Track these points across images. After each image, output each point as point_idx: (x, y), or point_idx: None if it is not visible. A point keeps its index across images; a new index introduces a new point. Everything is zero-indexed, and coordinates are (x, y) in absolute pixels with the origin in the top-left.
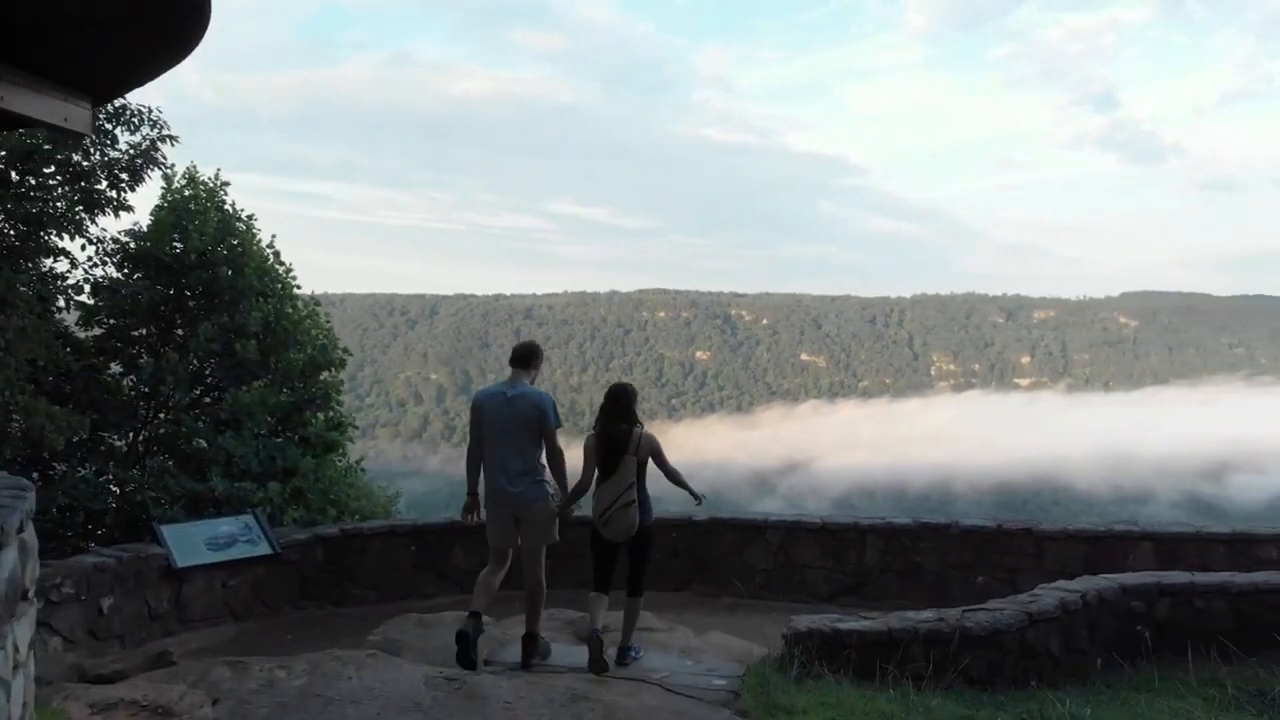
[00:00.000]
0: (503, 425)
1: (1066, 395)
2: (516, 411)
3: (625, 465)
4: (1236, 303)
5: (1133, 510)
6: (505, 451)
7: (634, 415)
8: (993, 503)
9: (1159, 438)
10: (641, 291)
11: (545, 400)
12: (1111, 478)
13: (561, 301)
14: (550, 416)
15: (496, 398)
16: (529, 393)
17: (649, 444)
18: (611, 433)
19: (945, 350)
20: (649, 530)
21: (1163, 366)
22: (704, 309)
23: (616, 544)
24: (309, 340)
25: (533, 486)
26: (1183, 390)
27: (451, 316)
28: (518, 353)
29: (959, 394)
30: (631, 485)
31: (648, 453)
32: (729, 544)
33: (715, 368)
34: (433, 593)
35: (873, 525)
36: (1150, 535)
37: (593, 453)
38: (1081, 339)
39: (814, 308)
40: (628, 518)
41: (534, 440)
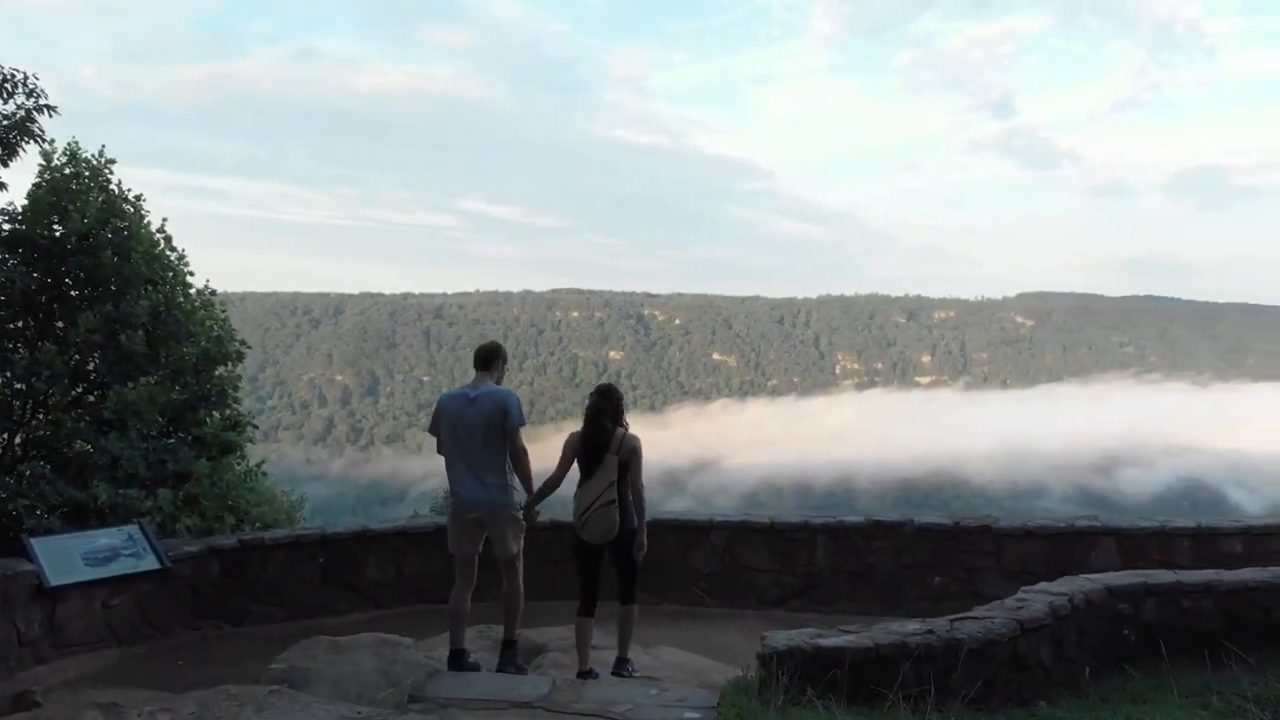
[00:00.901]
0: (465, 427)
1: (965, 393)
2: (480, 411)
3: (606, 464)
4: (1127, 303)
5: (1027, 505)
6: (468, 455)
7: (620, 414)
8: (895, 498)
9: (1053, 434)
10: (555, 291)
11: (510, 398)
12: (1007, 473)
13: (473, 301)
14: (514, 413)
15: (459, 399)
16: (492, 391)
17: (631, 445)
18: (595, 430)
19: (850, 350)
20: (630, 534)
21: (1057, 364)
22: (618, 309)
23: (598, 548)
24: (203, 332)
25: (499, 491)
26: (1076, 387)
27: (357, 316)
28: (479, 355)
29: (862, 392)
30: (612, 485)
31: (629, 454)
32: (671, 547)
33: (629, 368)
34: (344, 609)
35: (824, 524)
36: (1113, 531)
37: (572, 450)
38: (980, 338)
39: (725, 308)
40: (607, 518)
41: (499, 442)
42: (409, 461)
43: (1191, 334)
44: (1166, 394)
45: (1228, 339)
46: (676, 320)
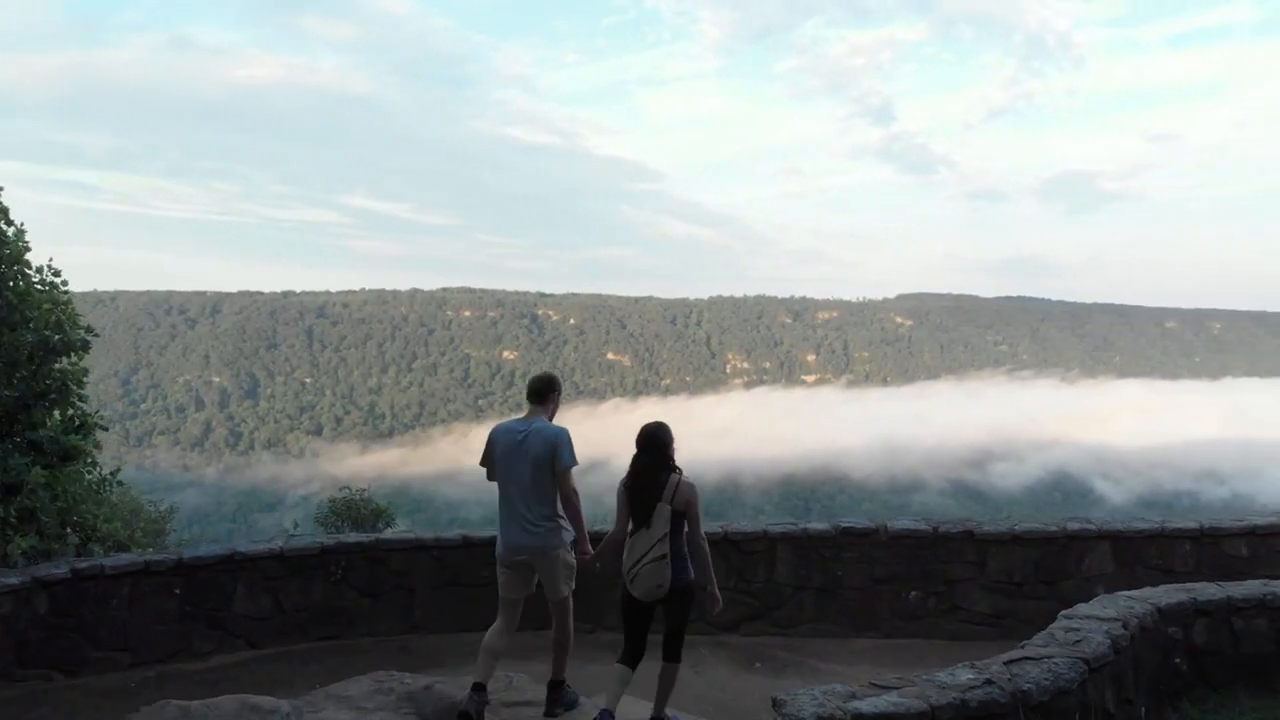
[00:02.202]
0: (515, 465)
1: (847, 390)
2: (529, 450)
3: (658, 515)
4: (1001, 303)
5: (904, 498)
6: (517, 494)
7: (670, 459)
8: (780, 493)
9: (929, 429)
10: (445, 290)
11: (561, 437)
12: (886, 467)
13: (358, 299)
14: (565, 454)
15: (509, 435)
16: (543, 429)
17: (686, 493)
18: (643, 478)
19: (739, 349)
20: (687, 589)
21: (935, 362)
22: (510, 308)
23: (647, 605)
24: (40, 317)
25: (549, 532)
26: (951, 384)
27: (236, 315)
28: (531, 388)
29: (750, 390)
30: (664, 538)
31: (684, 503)
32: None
33: (523, 367)
34: (208, 650)
35: (785, 533)
36: (1108, 534)
37: (624, 502)
38: (861, 338)
39: (619, 308)
40: (657, 574)
41: (548, 482)
42: (290, 466)
43: (1061, 333)
44: (1037, 390)
45: (1095, 337)
46: (571, 320)
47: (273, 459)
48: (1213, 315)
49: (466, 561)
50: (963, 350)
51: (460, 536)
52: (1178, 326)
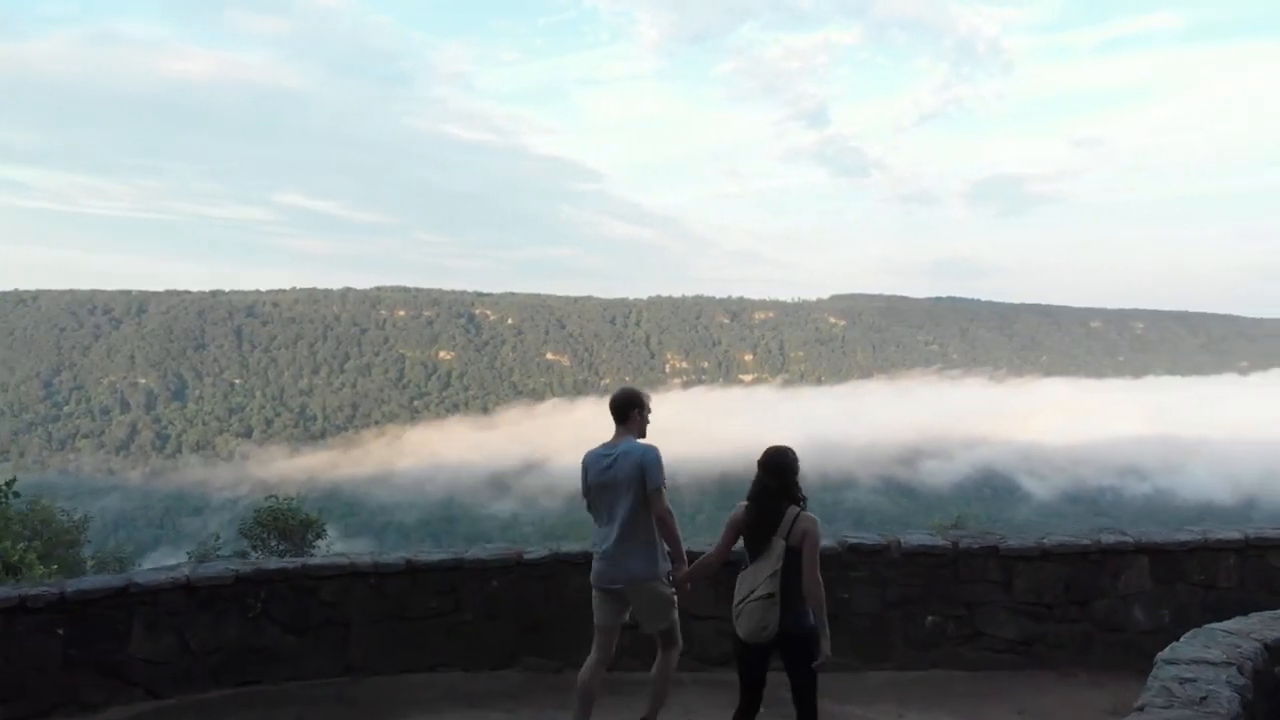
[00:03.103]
0: (605, 491)
1: (782, 390)
2: (618, 473)
3: (771, 549)
4: (931, 304)
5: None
6: (609, 520)
7: (794, 488)
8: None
9: (861, 428)
10: (379, 289)
11: (648, 456)
12: (819, 465)
13: (289, 298)
14: (654, 474)
15: (598, 460)
16: (631, 450)
17: (804, 529)
18: (760, 505)
19: (678, 349)
20: (804, 636)
21: (868, 362)
22: (447, 308)
23: (760, 648)
24: None
25: (645, 562)
26: (883, 383)
27: (162, 315)
28: (613, 407)
29: (687, 390)
30: (774, 575)
31: (800, 538)
32: (576, 592)
33: (460, 368)
34: (99, 701)
35: None
36: (1146, 547)
37: (735, 527)
38: (797, 338)
39: (558, 308)
40: (762, 615)
41: (641, 506)
42: (219, 470)
43: (990, 333)
44: (966, 389)
45: (1022, 337)
46: (509, 320)
47: (201, 462)
48: (1136, 315)
49: (411, 590)
50: (894, 350)
51: (403, 561)
52: (1102, 326)
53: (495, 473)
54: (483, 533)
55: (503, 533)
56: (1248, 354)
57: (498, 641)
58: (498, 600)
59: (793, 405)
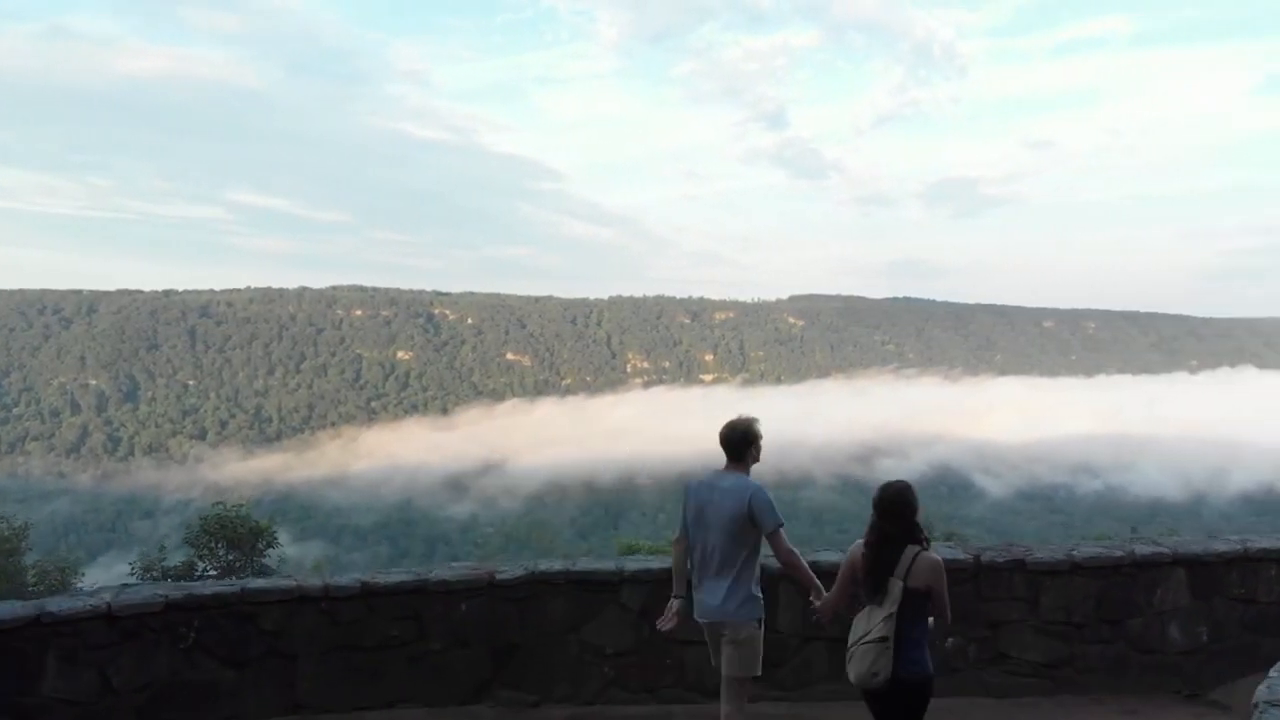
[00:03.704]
0: (706, 523)
1: (742, 389)
2: (723, 508)
3: (889, 592)
4: (888, 304)
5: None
6: (707, 554)
7: (915, 527)
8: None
9: (818, 426)
10: (335, 288)
11: (758, 497)
12: (776, 463)
13: (244, 298)
14: (767, 516)
15: (703, 490)
16: (739, 486)
17: (925, 572)
18: (878, 548)
19: (639, 349)
20: (920, 685)
21: (826, 362)
22: (405, 307)
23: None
24: None
25: (739, 603)
26: (840, 383)
27: (114, 315)
28: (728, 441)
29: (648, 390)
30: (890, 619)
31: (923, 581)
32: (558, 616)
33: (419, 368)
34: None
35: None
36: (1184, 559)
37: (853, 567)
38: (757, 338)
39: (518, 307)
40: (874, 660)
41: (742, 543)
42: (172, 473)
43: (945, 332)
44: (922, 388)
45: (977, 337)
46: (469, 320)
47: (153, 465)
48: (1088, 315)
49: (368, 616)
50: (852, 349)
51: (358, 583)
52: (1055, 326)
53: (453, 474)
54: (442, 534)
55: (463, 534)
56: (1197, 353)
57: (467, 673)
58: (467, 626)
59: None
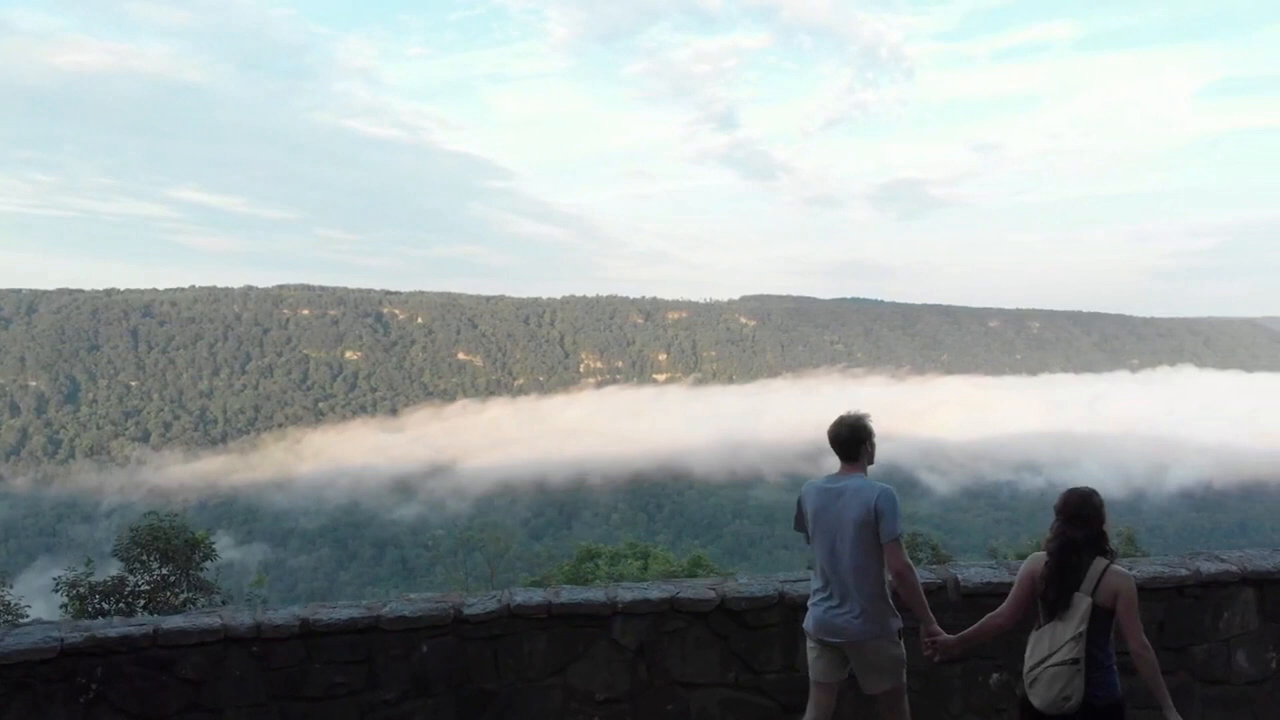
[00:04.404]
0: (827, 532)
1: (693, 389)
2: (844, 513)
3: (1075, 607)
4: (837, 305)
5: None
6: (830, 565)
7: (1103, 538)
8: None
9: (768, 425)
10: (282, 287)
11: (884, 499)
12: (727, 463)
13: (188, 297)
14: (889, 522)
15: (819, 495)
16: (861, 489)
17: (1115, 585)
18: (1063, 557)
19: (593, 349)
20: (1111, 709)
21: (776, 361)
22: (353, 306)
23: None
24: None
25: (869, 618)
26: (790, 382)
27: (54, 314)
28: (837, 440)
29: (600, 390)
30: (1079, 638)
31: (1110, 597)
32: (540, 655)
33: (367, 368)
34: None
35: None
36: (1253, 577)
37: (1031, 582)
38: (709, 337)
39: (470, 307)
40: (1064, 683)
41: (869, 553)
42: (114, 475)
43: (892, 332)
44: (869, 386)
45: (924, 336)
46: (419, 319)
47: (95, 468)
48: (1032, 315)
49: (309, 660)
50: (802, 349)
51: (296, 621)
52: (1000, 325)
53: (400, 476)
54: (391, 537)
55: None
56: (1138, 352)
57: None
58: (429, 671)
59: (703, 404)
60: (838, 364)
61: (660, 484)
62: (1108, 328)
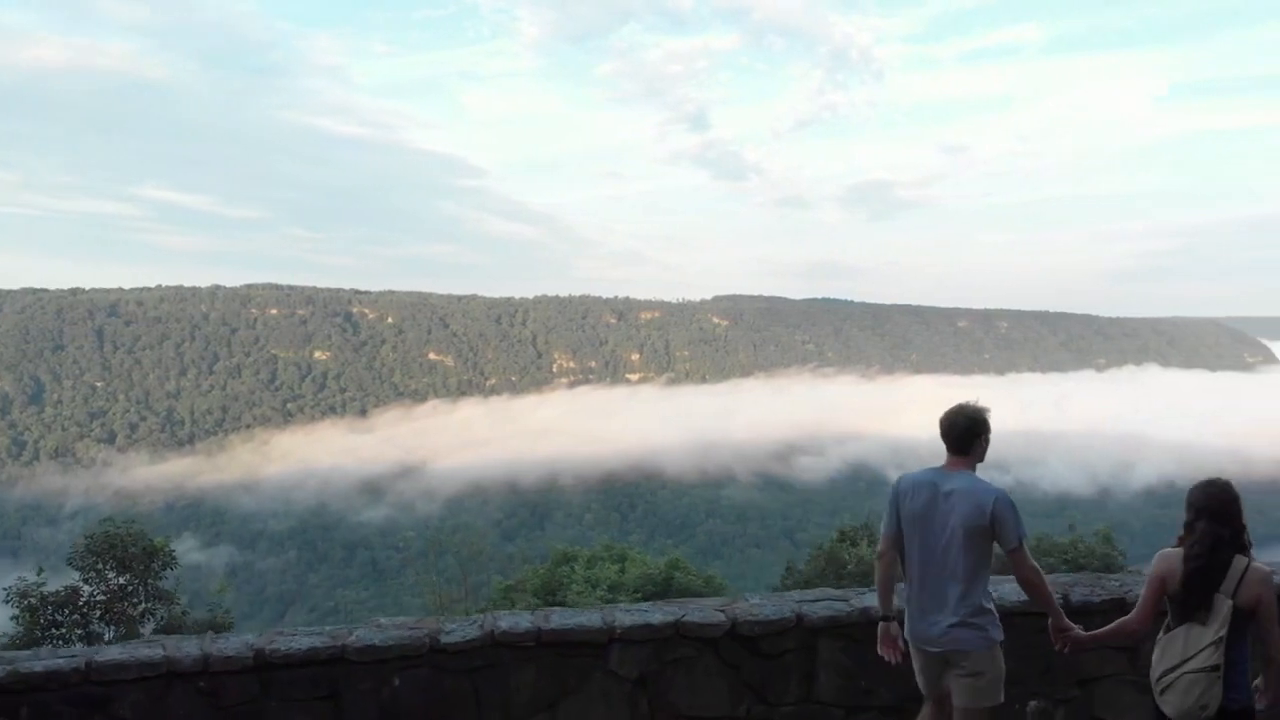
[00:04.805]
0: (928, 531)
1: (666, 389)
2: (954, 512)
3: (1215, 610)
4: (808, 305)
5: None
6: (930, 568)
7: (1243, 534)
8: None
9: (740, 425)
10: (250, 287)
11: (1001, 502)
12: (699, 462)
13: (154, 297)
14: (1010, 526)
15: (923, 489)
16: (974, 488)
17: (1257, 586)
18: (1204, 560)
19: (565, 349)
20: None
21: (749, 361)
22: (322, 306)
23: None
24: None
25: (971, 629)
26: (762, 381)
27: (17, 314)
28: (950, 430)
29: (573, 390)
30: (1219, 643)
31: (1252, 599)
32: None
33: (337, 369)
34: None
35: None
36: None
37: (1162, 581)
38: (682, 337)
39: (441, 306)
40: (1202, 691)
41: (973, 554)
42: (79, 477)
43: (862, 332)
44: (840, 386)
45: (894, 336)
46: (389, 319)
47: (59, 470)
48: (1000, 315)
49: (264, 696)
50: (773, 349)
51: (250, 652)
52: (969, 325)
53: (369, 477)
54: (362, 539)
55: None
56: (1104, 351)
57: None
58: (401, 708)
59: (675, 404)
60: (809, 364)
61: (633, 484)
62: (1074, 328)
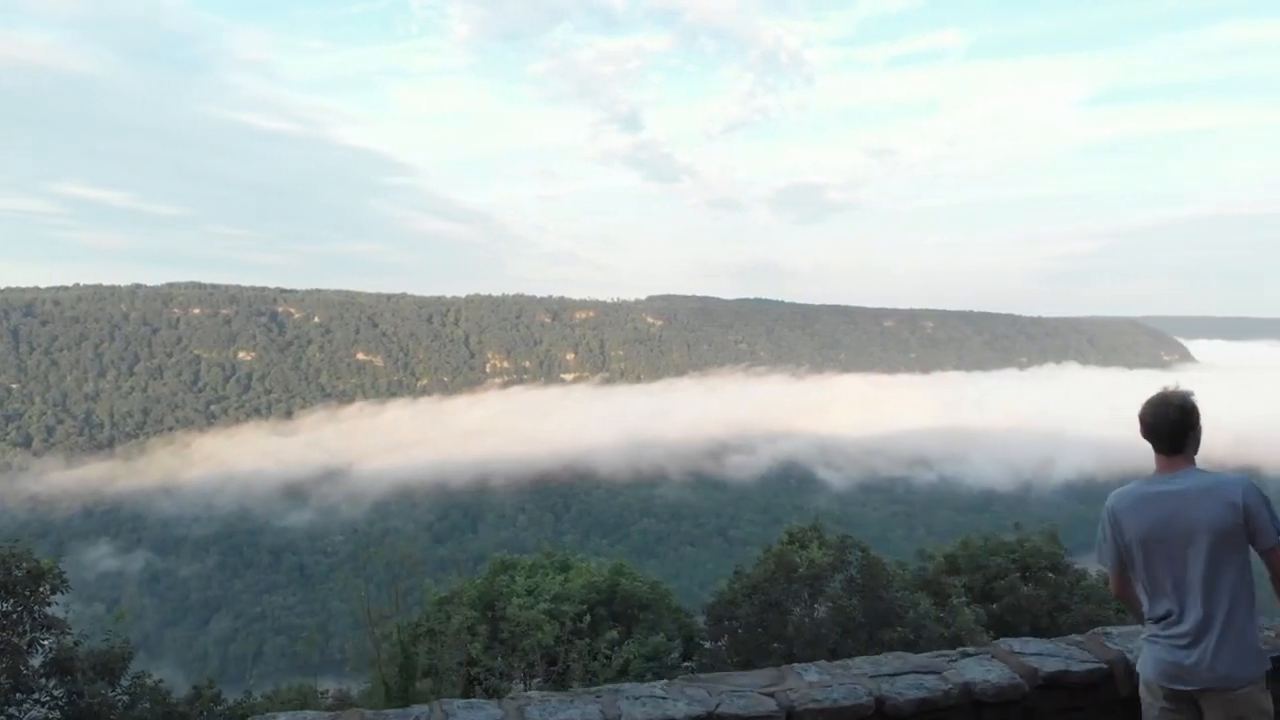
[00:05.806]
0: (1174, 545)
1: (601, 388)
2: (1194, 521)
3: None
4: (740, 305)
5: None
6: (1180, 588)
7: None
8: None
9: (673, 424)
10: (171, 285)
11: (1251, 494)
12: (632, 462)
13: (71, 296)
14: (1266, 519)
15: (1152, 503)
16: (1218, 485)
17: None
18: None
19: (499, 348)
20: None
21: (682, 360)
22: (247, 305)
23: None
24: None
25: (1239, 653)
26: (695, 381)
27: None
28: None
29: (506, 389)
30: None
31: None
32: None
33: (261, 369)
34: None
35: (922, 700)
36: None
37: None
38: (617, 337)
39: (370, 305)
40: None
41: (1228, 566)
42: None
43: (793, 332)
44: (770, 385)
45: (823, 336)
46: (316, 318)
47: None
48: (926, 315)
49: None
50: (707, 349)
51: None
52: (895, 325)
53: (292, 481)
54: (289, 544)
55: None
56: (1027, 350)
57: None
58: None
59: (610, 404)
60: (741, 363)
61: (566, 484)
62: (998, 327)
